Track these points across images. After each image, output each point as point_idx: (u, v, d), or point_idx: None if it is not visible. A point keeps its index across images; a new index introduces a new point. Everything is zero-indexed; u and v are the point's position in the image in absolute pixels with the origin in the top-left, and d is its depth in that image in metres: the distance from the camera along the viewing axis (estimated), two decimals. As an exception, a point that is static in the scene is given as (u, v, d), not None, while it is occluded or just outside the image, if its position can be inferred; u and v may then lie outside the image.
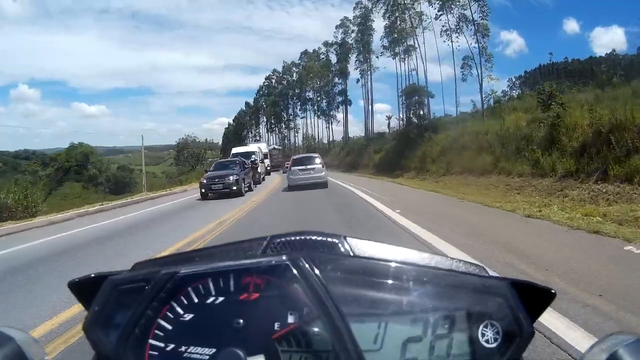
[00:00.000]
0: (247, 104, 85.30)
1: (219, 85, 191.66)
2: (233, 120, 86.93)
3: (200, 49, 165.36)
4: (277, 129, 73.03)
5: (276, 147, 46.19)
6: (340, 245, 0.48)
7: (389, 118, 38.89)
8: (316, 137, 62.58)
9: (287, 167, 15.70)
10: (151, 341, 0.41)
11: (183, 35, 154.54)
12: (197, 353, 0.40)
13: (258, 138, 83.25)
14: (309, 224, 6.47)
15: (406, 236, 4.99)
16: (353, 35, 46.94)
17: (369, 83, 47.07)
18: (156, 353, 0.40)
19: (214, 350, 0.39)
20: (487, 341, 0.39)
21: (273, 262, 0.41)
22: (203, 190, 12.60)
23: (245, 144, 36.39)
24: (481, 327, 0.40)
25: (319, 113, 57.46)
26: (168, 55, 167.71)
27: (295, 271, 0.40)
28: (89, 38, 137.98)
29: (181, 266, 0.43)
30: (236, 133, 79.96)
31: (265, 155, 30.64)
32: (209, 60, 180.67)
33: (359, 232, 5.29)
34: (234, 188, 12.34)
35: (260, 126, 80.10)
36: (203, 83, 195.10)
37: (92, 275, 0.47)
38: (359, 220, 6.55)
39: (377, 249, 0.47)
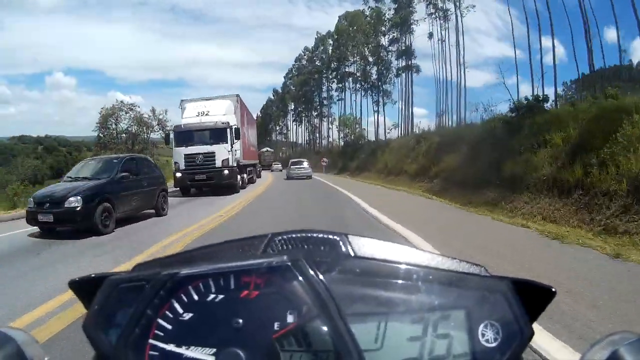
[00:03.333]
0: (274, 91, 71.40)
1: (256, 80, 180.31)
2: (260, 111, 73.35)
3: (238, 44, 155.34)
4: (305, 117, 57.70)
5: (269, 149, 48.89)
6: (341, 243, 0.47)
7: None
8: (359, 124, 44.83)
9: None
10: (151, 341, 0.41)
11: (220, 30, 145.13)
12: (197, 353, 0.40)
13: (285, 131, 68.98)
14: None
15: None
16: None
17: (460, 27, 29.47)
18: (156, 353, 0.40)
19: (214, 350, 0.40)
20: (487, 341, 0.39)
21: (274, 262, 0.41)
22: None
23: (269, 139, 24.48)
24: (481, 326, 0.40)
25: (367, 85, 39.92)
26: (205, 49, 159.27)
27: (296, 272, 0.41)
28: (126, 29, 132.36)
29: (181, 267, 0.43)
30: (262, 125, 65.79)
31: (221, 130, 13.62)
32: (246, 56, 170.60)
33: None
34: None
35: (288, 116, 65.39)
36: (240, 78, 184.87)
37: (93, 275, 0.47)
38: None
39: (378, 248, 0.46)
